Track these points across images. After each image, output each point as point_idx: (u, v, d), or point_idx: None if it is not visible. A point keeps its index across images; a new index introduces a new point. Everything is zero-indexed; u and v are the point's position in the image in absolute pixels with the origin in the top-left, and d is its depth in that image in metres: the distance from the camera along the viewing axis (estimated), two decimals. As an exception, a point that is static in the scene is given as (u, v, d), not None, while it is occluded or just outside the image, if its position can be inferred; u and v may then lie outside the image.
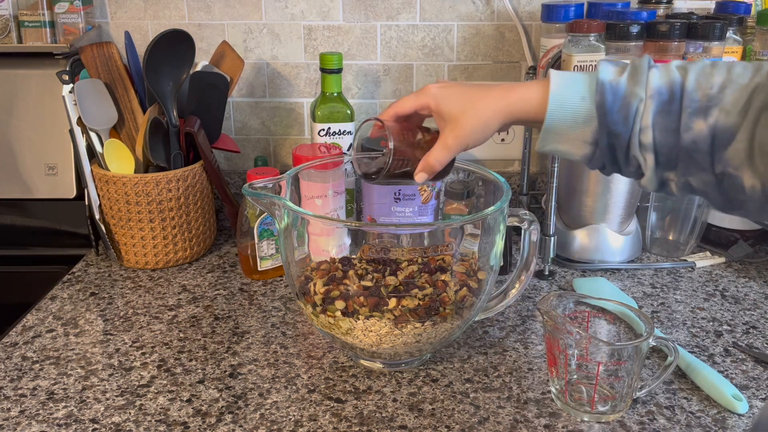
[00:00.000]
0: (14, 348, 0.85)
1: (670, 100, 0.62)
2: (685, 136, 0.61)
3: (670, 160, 0.63)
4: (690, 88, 0.61)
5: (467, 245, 0.80)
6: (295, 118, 1.25)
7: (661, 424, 0.72)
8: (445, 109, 0.71)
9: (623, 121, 0.63)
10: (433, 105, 0.72)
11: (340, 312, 0.76)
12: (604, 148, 0.65)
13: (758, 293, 0.99)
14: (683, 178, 0.64)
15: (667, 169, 0.64)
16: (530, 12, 1.19)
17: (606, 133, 0.64)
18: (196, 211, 1.06)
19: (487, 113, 0.68)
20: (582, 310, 0.80)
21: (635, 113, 0.62)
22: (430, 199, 1.00)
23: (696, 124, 0.61)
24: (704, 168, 0.62)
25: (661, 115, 0.62)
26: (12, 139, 1.11)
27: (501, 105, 0.68)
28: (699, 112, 0.61)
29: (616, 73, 0.64)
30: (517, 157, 1.28)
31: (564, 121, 0.65)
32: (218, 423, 0.71)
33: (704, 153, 0.61)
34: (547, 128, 0.66)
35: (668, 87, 0.62)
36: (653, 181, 0.65)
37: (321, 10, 1.19)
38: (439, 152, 0.72)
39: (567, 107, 0.65)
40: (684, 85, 0.62)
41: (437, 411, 0.74)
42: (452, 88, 0.72)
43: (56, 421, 0.72)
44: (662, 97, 0.62)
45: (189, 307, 0.95)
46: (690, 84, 0.61)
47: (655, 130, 0.62)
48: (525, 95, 0.67)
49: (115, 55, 1.05)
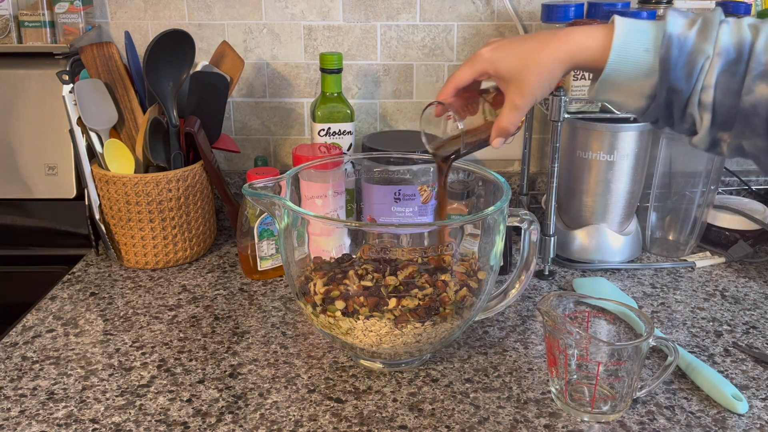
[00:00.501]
0: (14, 348, 0.85)
1: (737, 60, 0.59)
2: (745, 98, 0.59)
3: (727, 121, 0.61)
4: (759, 49, 0.59)
5: (467, 245, 0.80)
6: (295, 118, 1.25)
7: (661, 424, 0.72)
8: (504, 70, 0.68)
9: (686, 78, 0.60)
10: (491, 69, 0.69)
11: (340, 312, 0.76)
12: (661, 103, 0.63)
13: (758, 293, 0.99)
14: (736, 140, 0.62)
15: (722, 129, 0.62)
16: (530, 12, 1.19)
17: (666, 89, 0.61)
18: (196, 211, 1.06)
19: (549, 65, 0.66)
20: (582, 310, 0.80)
21: (699, 70, 0.60)
22: (430, 199, 1.00)
23: (759, 87, 0.59)
24: (759, 133, 0.60)
25: (725, 75, 0.60)
26: (12, 139, 1.11)
27: (561, 54, 0.65)
28: (764, 75, 0.59)
29: (685, 26, 0.61)
30: (517, 157, 1.28)
31: (624, 73, 0.63)
32: (218, 423, 0.71)
33: (762, 118, 0.59)
34: (604, 79, 0.64)
35: (737, 46, 0.60)
36: (705, 140, 0.63)
37: (321, 10, 1.19)
38: (510, 114, 0.70)
39: (629, 59, 0.62)
40: (753, 45, 0.59)
41: (437, 411, 0.74)
42: (506, 48, 0.69)
43: (56, 421, 0.72)
44: (729, 56, 0.60)
45: (189, 307, 0.95)
46: (760, 45, 0.59)
47: (717, 90, 0.60)
48: (586, 42, 0.64)
49: (115, 55, 1.05)
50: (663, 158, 1.08)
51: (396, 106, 1.24)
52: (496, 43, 0.70)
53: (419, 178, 0.98)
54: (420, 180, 0.98)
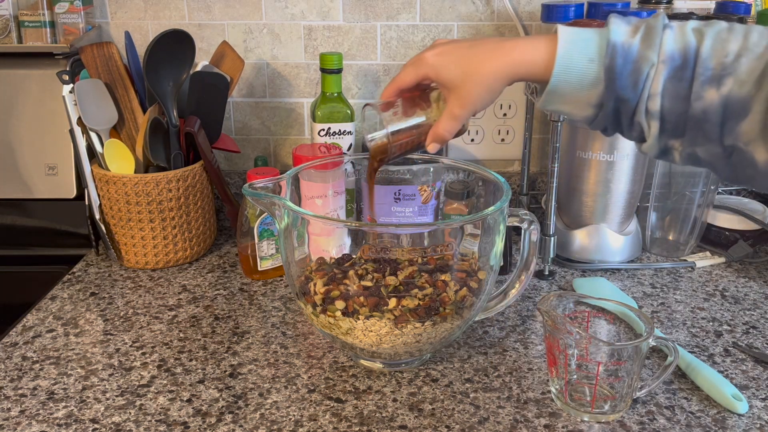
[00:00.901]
0: (14, 348, 0.85)
1: (683, 66, 0.59)
2: (695, 105, 0.59)
3: (677, 128, 0.60)
4: (704, 54, 0.58)
5: (467, 245, 0.80)
6: (295, 118, 1.25)
7: (661, 424, 0.72)
8: (446, 77, 0.68)
9: (632, 87, 0.60)
10: (433, 75, 0.69)
11: (340, 312, 0.76)
12: (609, 112, 0.62)
13: (758, 293, 0.99)
14: (689, 148, 0.61)
15: (672, 137, 0.61)
16: (530, 12, 1.19)
17: (613, 98, 0.61)
18: (196, 211, 1.06)
19: (491, 78, 0.66)
20: (582, 310, 0.80)
21: (645, 78, 0.59)
22: (430, 199, 1.00)
23: (708, 93, 0.58)
24: (713, 139, 0.59)
25: (671, 82, 0.59)
26: (12, 139, 1.11)
27: (504, 67, 0.65)
28: (712, 80, 0.58)
29: (628, 34, 0.61)
30: (517, 157, 1.28)
31: (569, 83, 0.62)
32: (218, 423, 0.71)
33: (714, 124, 0.59)
34: (551, 90, 0.63)
35: (682, 52, 0.59)
36: (655, 147, 0.63)
37: (321, 10, 1.19)
38: (447, 122, 0.69)
39: (573, 70, 0.62)
40: (699, 50, 0.59)
41: (437, 411, 0.74)
42: (450, 54, 0.68)
43: (56, 421, 0.72)
44: (675, 63, 0.59)
45: (189, 307, 0.95)
46: (705, 50, 0.58)
47: (664, 97, 0.60)
48: (530, 55, 0.64)
49: (115, 55, 1.05)
50: (663, 158, 1.08)
51: (396, 106, 1.24)
52: (441, 47, 0.69)
53: (419, 178, 0.98)
54: (420, 180, 0.98)
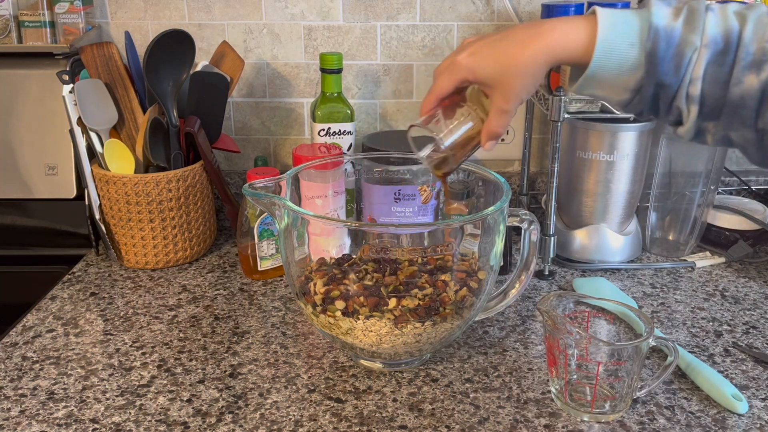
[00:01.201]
0: (14, 348, 0.85)
1: (724, 51, 0.58)
2: (734, 89, 0.58)
3: (713, 111, 0.60)
4: (747, 39, 0.57)
5: (467, 245, 0.80)
6: (295, 118, 1.25)
7: (661, 424, 0.72)
8: (484, 76, 0.66)
9: (674, 71, 0.59)
10: (471, 77, 0.67)
11: (340, 312, 0.76)
12: (647, 97, 0.61)
13: (758, 293, 0.99)
14: (723, 131, 0.61)
15: (708, 119, 0.61)
16: (530, 12, 1.19)
17: (653, 83, 0.60)
18: (196, 211, 1.06)
19: (531, 65, 0.63)
20: (582, 310, 0.80)
21: (688, 63, 0.58)
22: (430, 199, 1.00)
23: (747, 78, 0.57)
24: (747, 124, 0.59)
25: (713, 66, 0.58)
26: (12, 139, 1.11)
27: (543, 52, 0.62)
28: (752, 65, 0.57)
29: (671, 17, 0.59)
30: (517, 157, 1.28)
31: (609, 68, 0.60)
32: (218, 423, 0.71)
33: (751, 109, 0.58)
34: (589, 75, 0.62)
35: (725, 36, 0.58)
36: (691, 131, 0.62)
37: (321, 10, 1.19)
38: (498, 118, 0.67)
39: (614, 54, 0.60)
40: (741, 35, 0.58)
41: (437, 411, 0.74)
42: (482, 51, 0.66)
43: (56, 421, 0.72)
44: (717, 47, 0.58)
45: (189, 307, 0.95)
46: (747, 34, 0.58)
47: (705, 82, 0.59)
48: (568, 37, 0.61)
49: (115, 55, 1.05)
50: (663, 158, 1.08)
51: (396, 106, 1.24)
52: (471, 46, 0.67)
53: (419, 178, 0.98)
54: (420, 180, 0.98)
